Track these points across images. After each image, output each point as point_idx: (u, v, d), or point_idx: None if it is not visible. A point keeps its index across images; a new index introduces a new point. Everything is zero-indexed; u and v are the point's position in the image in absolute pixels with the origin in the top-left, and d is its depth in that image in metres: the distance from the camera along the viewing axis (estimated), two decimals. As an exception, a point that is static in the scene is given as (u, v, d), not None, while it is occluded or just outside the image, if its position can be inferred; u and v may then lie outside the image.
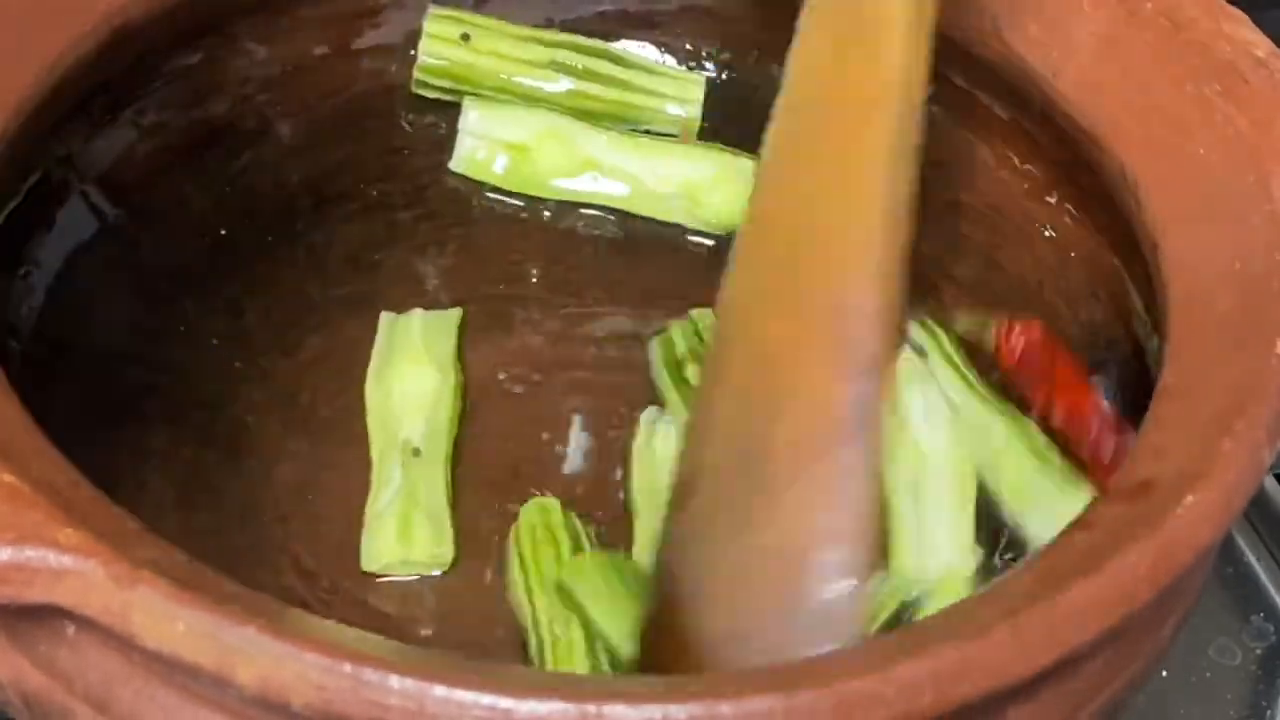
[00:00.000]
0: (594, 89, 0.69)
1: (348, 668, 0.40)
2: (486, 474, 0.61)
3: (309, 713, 0.40)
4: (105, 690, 0.44)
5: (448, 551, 0.59)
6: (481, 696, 0.40)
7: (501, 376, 0.64)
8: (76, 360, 0.60)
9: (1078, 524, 0.48)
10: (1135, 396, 0.56)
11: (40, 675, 0.45)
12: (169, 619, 0.41)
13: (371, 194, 0.67)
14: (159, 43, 0.62)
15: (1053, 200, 0.64)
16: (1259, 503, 0.68)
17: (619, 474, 0.61)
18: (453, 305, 0.66)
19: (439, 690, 0.40)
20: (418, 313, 0.64)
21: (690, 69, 0.71)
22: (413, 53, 0.69)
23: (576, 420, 0.63)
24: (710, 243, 0.68)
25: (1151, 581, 0.45)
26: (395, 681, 0.40)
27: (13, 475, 0.44)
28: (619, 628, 0.54)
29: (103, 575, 0.41)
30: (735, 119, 0.69)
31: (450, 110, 0.69)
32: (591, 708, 0.40)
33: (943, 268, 0.65)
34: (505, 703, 0.40)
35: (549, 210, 0.69)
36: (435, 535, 0.59)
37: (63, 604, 0.42)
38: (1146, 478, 0.48)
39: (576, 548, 0.58)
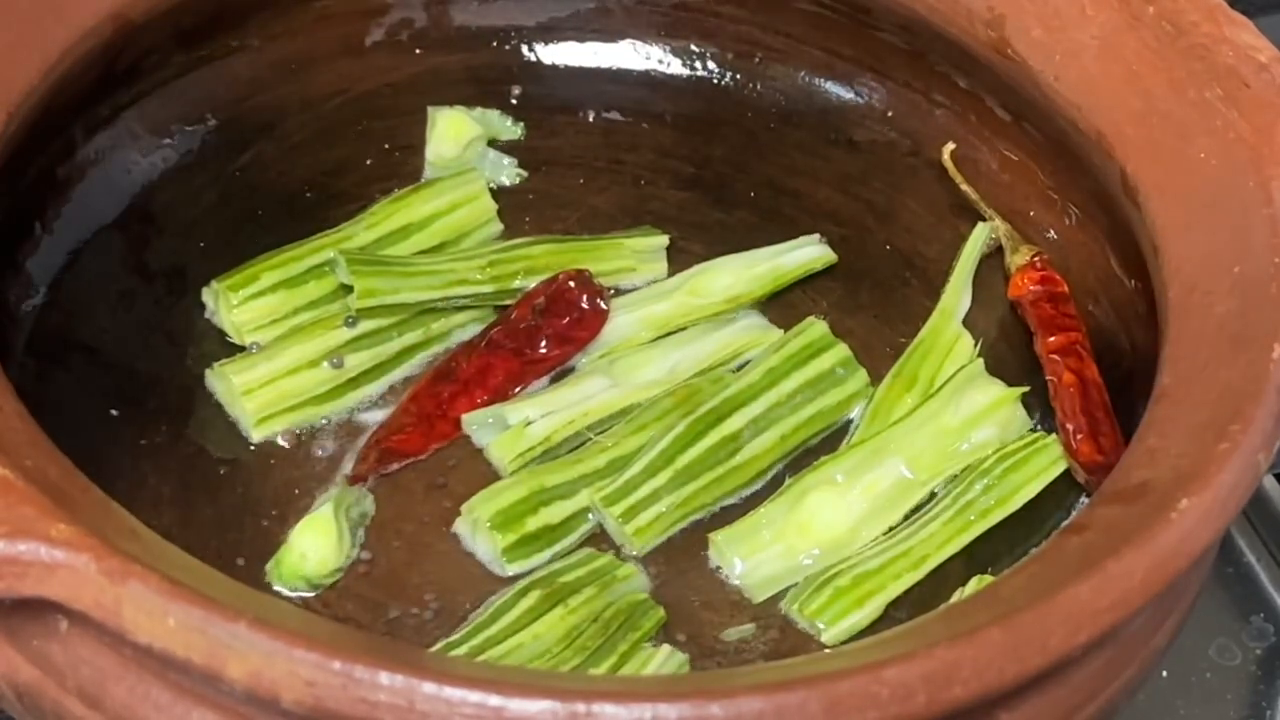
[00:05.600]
0: None
1: (337, 664, 0.40)
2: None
3: (299, 709, 0.41)
4: (97, 685, 0.44)
5: None
6: (470, 694, 0.40)
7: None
8: (76, 357, 0.60)
9: (1072, 527, 0.48)
10: (1134, 399, 0.56)
11: (33, 669, 0.45)
12: (159, 614, 0.41)
13: (374, 193, 0.67)
14: (161, 41, 0.62)
15: (1054, 203, 0.64)
16: (1258, 503, 0.68)
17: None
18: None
19: (428, 687, 0.40)
20: None
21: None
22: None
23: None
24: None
25: (1145, 586, 0.45)
26: (385, 678, 0.40)
27: (7, 469, 0.44)
28: None
29: (94, 570, 0.42)
30: (735, 122, 0.70)
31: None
32: (581, 707, 0.40)
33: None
34: (494, 700, 0.40)
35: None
36: None
37: (55, 598, 0.42)
38: (1142, 480, 0.48)
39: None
